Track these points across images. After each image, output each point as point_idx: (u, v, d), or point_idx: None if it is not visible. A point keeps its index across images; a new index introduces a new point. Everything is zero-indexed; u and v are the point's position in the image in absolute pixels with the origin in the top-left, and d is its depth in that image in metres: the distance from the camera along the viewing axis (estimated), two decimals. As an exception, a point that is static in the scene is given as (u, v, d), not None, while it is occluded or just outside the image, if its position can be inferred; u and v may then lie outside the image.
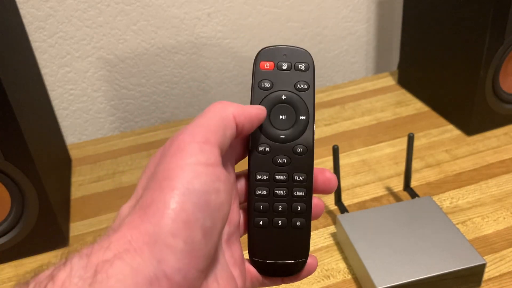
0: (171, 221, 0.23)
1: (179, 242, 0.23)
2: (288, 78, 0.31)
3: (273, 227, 0.31)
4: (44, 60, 0.86)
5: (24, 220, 0.60)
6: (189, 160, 0.25)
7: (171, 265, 0.23)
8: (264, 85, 0.31)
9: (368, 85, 0.98)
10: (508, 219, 0.62)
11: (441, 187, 0.69)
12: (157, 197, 0.24)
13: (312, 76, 0.31)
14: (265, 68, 0.31)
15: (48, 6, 0.82)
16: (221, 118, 0.27)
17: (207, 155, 0.25)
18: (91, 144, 0.88)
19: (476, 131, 0.79)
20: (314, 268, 0.33)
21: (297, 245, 0.31)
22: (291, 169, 0.31)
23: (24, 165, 0.57)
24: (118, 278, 0.21)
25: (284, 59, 0.31)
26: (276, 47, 0.31)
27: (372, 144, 0.80)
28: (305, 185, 0.31)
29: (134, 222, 0.23)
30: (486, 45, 0.71)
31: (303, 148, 0.31)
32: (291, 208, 0.31)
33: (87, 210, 0.71)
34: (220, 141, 0.26)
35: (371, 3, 1.02)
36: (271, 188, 0.31)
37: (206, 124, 0.26)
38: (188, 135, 0.26)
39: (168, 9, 0.89)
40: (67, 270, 0.22)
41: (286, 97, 0.31)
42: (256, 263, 0.32)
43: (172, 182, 0.24)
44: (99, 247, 0.23)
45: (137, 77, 0.93)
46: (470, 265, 0.50)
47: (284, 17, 0.97)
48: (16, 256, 0.62)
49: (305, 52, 0.31)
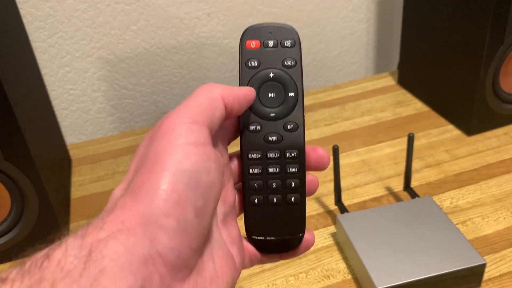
0: (163, 201, 0.23)
1: (171, 222, 0.23)
2: (275, 55, 0.31)
3: (269, 204, 0.31)
4: (44, 60, 0.86)
5: (24, 220, 0.60)
6: (179, 141, 0.25)
7: (164, 244, 0.23)
8: (252, 64, 0.31)
9: (368, 85, 0.98)
10: (508, 219, 0.62)
11: (441, 187, 0.69)
12: (147, 179, 0.24)
13: (299, 52, 0.31)
14: (251, 47, 0.31)
15: (48, 6, 0.82)
16: (209, 98, 0.27)
17: (196, 135, 0.25)
18: (91, 144, 0.88)
19: (476, 131, 0.79)
20: (311, 243, 0.33)
21: (293, 220, 0.32)
22: (283, 146, 0.31)
23: (24, 165, 0.57)
24: (112, 258, 0.22)
25: (270, 36, 0.31)
26: (261, 25, 0.31)
27: (372, 144, 0.80)
28: (297, 161, 0.31)
29: (126, 204, 0.24)
30: (486, 45, 0.71)
31: (294, 124, 0.31)
32: (285, 184, 0.31)
33: (87, 210, 0.71)
34: (209, 121, 0.26)
35: (371, 3, 1.02)
36: (264, 166, 0.31)
37: (194, 105, 0.27)
38: (177, 116, 0.26)
39: (168, 9, 0.89)
40: (62, 250, 0.22)
41: (274, 74, 0.31)
42: (254, 241, 0.32)
43: (162, 163, 0.24)
44: (93, 228, 0.23)
45: (137, 77, 0.93)
46: (470, 265, 0.50)
47: (284, 17, 0.97)
48: (16, 256, 0.62)
49: (291, 29, 0.31)
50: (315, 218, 0.65)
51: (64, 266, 0.21)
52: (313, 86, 1.07)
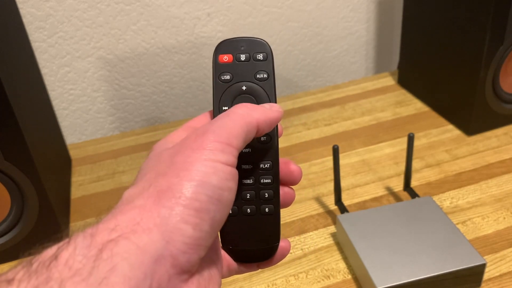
0: (185, 208, 0.24)
1: (189, 228, 0.24)
2: (247, 69, 0.31)
3: (243, 215, 0.32)
4: (44, 60, 0.86)
5: (24, 220, 0.60)
6: (211, 157, 0.26)
7: (178, 247, 0.24)
8: (224, 78, 0.31)
9: (368, 85, 0.98)
10: (508, 219, 0.62)
11: (441, 187, 0.69)
12: (174, 184, 0.25)
13: (271, 65, 0.32)
14: (223, 61, 0.32)
15: (48, 6, 0.82)
16: (246, 123, 0.28)
17: (227, 156, 0.26)
18: (91, 144, 0.88)
19: (476, 131, 0.79)
20: (287, 251, 0.34)
21: (268, 230, 0.32)
22: (256, 158, 0.31)
23: (24, 165, 0.57)
24: (123, 256, 0.22)
25: (242, 50, 0.32)
26: (233, 39, 0.32)
27: (372, 144, 0.80)
28: (271, 172, 0.31)
29: (146, 206, 0.24)
30: (486, 45, 0.71)
31: (267, 136, 0.31)
32: (259, 195, 0.32)
33: (87, 210, 0.71)
34: (240, 145, 0.28)
35: (371, 3, 1.02)
36: (238, 177, 0.31)
37: (230, 127, 0.27)
38: (213, 135, 0.27)
39: (168, 9, 0.89)
40: (71, 249, 0.22)
41: (247, 87, 0.31)
42: (230, 251, 0.32)
43: (190, 173, 0.25)
44: (103, 228, 0.23)
45: (137, 77, 0.93)
46: (470, 265, 0.50)
47: (284, 17, 0.97)
48: (16, 256, 0.62)
49: (263, 42, 0.32)
50: (315, 218, 0.65)
51: (72, 265, 0.21)
52: (313, 86, 1.07)
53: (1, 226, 0.60)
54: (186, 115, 0.99)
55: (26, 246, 0.61)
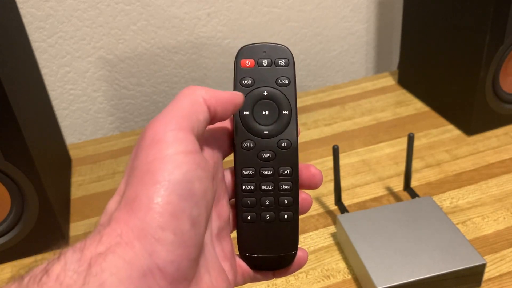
0: (158, 214, 0.23)
1: (168, 235, 0.23)
2: (269, 74, 0.31)
3: (261, 221, 0.31)
4: (44, 60, 0.86)
5: (24, 220, 0.60)
6: (168, 151, 0.24)
7: (163, 258, 0.23)
8: (246, 82, 0.31)
9: (368, 85, 0.98)
10: (508, 219, 0.62)
11: (441, 187, 0.69)
12: (140, 192, 0.24)
13: (293, 71, 0.32)
14: (245, 65, 0.31)
15: (48, 6, 0.82)
16: (191, 102, 0.27)
17: (185, 143, 0.25)
18: (91, 144, 0.88)
19: (476, 131, 0.79)
20: (304, 261, 0.33)
21: (286, 238, 0.32)
22: (276, 164, 0.31)
23: (24, 165, 0.57)
24: (112, 271, 0.21)
25: (264, 56, 0.31)
26: (255, 44, 0.32)
27: (372, 144, 0.80)
28: (290, 179, 0.31)
29: (122, 218, 0.23)
30: (486, 45, 0.71)
31: (287, 142, 0.31)
32: (278, 201, 0.31)
33: (87, 210, 0.71)
34: (193, 126, 0.26)
35: (371, 3, 1.02)
36: (257, 183, 0.31)
37: (177, 110, 0.26)
38: (161, 125, 0.25)
39: (168, 9, 0.89)
40: (61, 264, 0.22)
41: (268, 93, 0.31)
42: (246, 258, 0.32)
43: (154, 176, 0.24)
44: (91, 242, 0.23)
45: (137, 77, 0.93)
46: (470, 265, 0.50)
47: (284, 17, 0.97)
48: (16, 256, 0.62)
49: (285, 48, 0.32)
50: (315, 218, 0.65)
51: (63, 281, 0.21)
52: (313, 86, 1.07)
53: (1, 226, 0.60)
54: (186, 115, 0.99)
55: (26, 246, 0.62)
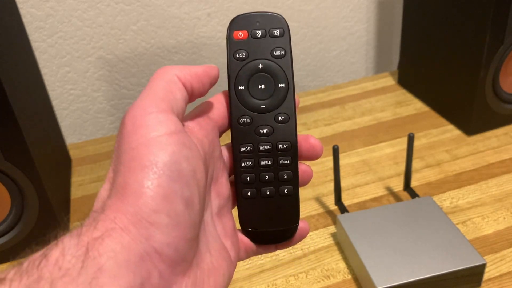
0: (150, 198, 0.23)
1: (163, 217, 0.23)
2: (264, 45, 0.30)
3: (262, 197, 0.31)
4: (44, 60, 0.86)
5: (24, 220, 0.60)
6: (150, 135, 0.24)
7: (159, 241, 0.23)
8: (240, 55, 0.30)
9: (368, 85, 0.98)
10: (508, 219, 0.62)
11: (441, 187, 0.69)
12: (129, 178, 0.24)
13: (288, 41, 0.31)
14: (238, 37, 0.31)
15: (48, 6, 0.82)
16: (166, 82, 0.26)
17: (166, 124, 0.25)
18: (91, 144, 0.88)
19: (476, 131, 0.79)
20: (306, 233, 0.33)
21: (287, 212, 0.32)
22: (274, 138, 0.31)
23: (24, 165, 0.57)
24: (109, 255, 0.22)
25: (258, 26, 0.31)
26: (248, 14, 0.31)
27: (372, 144, 0.80)
28: (289, 153, 0.31)
29: (115, 205, 0.23)
30: (486, 45, 0.71)
31: (285, 116, 0.31)
32: (278, 176, 0.31)
33: (87, 210, 0.71)
34: (172, 106, 0.26)
35: (371, 3, 1.02)
36: (256, 159, 0.31)
37: (153, 93, 0.26)
38: (140, 109, 0.25)
39: (168, 9, 0.89)
40: (59, 249, 0.22)
41: (263, 65, 0.30)
42: (248, 233, 0.32)
43: (141, 161, 0.24)
44: (87, 228, 0.23)
45: (137, 77, 0.93)
46: (470, 265, 0.50)
47: (284, 17, 0.97)
48: (16, 256, 0.62)
49: (279, 17, 0.31)
50: (315, 218, 0.65)
51: (62, 265, 0.21)
52: (313, 86, 1.07)
53: (1, 226, 0.60)
54: (186, 115, 0.99)
55: (26, 246, 0.62)
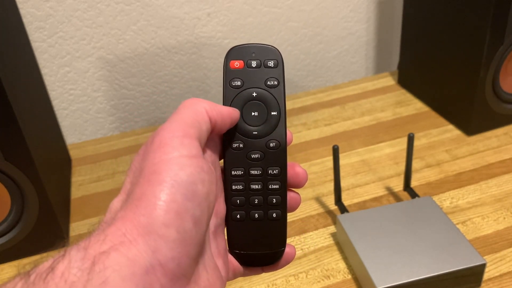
0: (163, 212, 0.24)
1: (172, 232, 0.24)
2: (258, 75, 0.32)
3: (251, 220, 0.32)
4: (44, 60, 0.86)
5: (24, 220, 0.60)
6: (173, 154, 0.26)
7: (165, 254, 0.24)
8: (235, 84, 0.32)
9: (368, 85, 0.98)
10: (508, 219, 0.62)
11: (441, 187, 0.69)
12: (146, 191, 0.25)
13: (282, 72, 0.32)
14: (235, 66, 0.32)
15: (48, 6, 0.82)
16: (195, 112, 0.28)
17: (189, 148, 0.26)
18: (91, 144, 0.88)
19: (476, 131, 0.79)
20: (292, 257, 0.34)
21: (274, 235, 0.33)
22: (265, 164, 0.32)
23: (24, 165, 0.57)
24: (114, 269, 0.22)
25: (253, 57, 0.32)
26: (244, 45, 0.32)
27: (372, 144, 0.80)
28: (279, 178, 0.32)
29: (127, 216, 0.24)
30: (486, 45, 0.71)
31: (276, 142, 0.32)
32: (267, 200, 0.32)
33: (87, 210, 0.71)
34: (198, 134, 0.28)
35: (371, 3, 1.02)
36: (246, 182, 0.32)
37: (182, 119, 0.28)
38: (168, 131, 0.27)
39: (168, 9, 0.89)
40: (66, 262, 0.22)
41: (257, 94, 0.32)
42: (236, 255, 0.33)
43: (160, 176, 0.25)
44: (95, 240, 0.24)
45: (137, 77, 0.93)
46: (470, 265, 0.50)
47: (284, 17, 0.97)
48: (16, 256, 0.62)
49: (274, 49, 0.32)
50: (315, 218, 0.65)
51: (68, 278, 0.22)
52: (313, 86, 1.07)
53: (1, 226, 0.60)
54: (186, 115, 0.99)
55: (26, 246, 0.62)
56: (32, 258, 0.63)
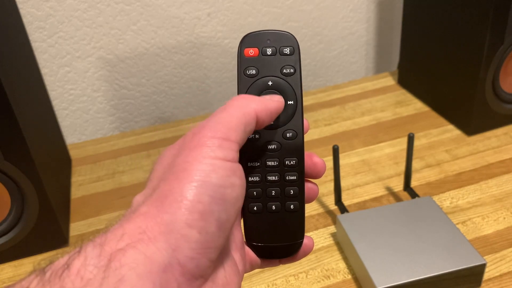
0: (188, 211, 0.24)
1: (194, 233, 0.24)
2: (274, 63, 0.31)
3: (268, 212, 0.31)
4: (44, 60, 0.86)
5: (24, 220, 0.60)
6: (208, 155, 0.25)
7: (185, 254, 0.23)
8: (250, 72, 0.31)
9: (368, 85, 0.98)
10: (508, 219, 0.62)
11: (441, 187, 0.69)
12: (174, 188, 0.24)
13: (298, 59, 0.31)
14: (249, 54, 0.31)
15: (48, 6, 0.82)
16: (243, 114, 0.27)
17: (226, 151, 0.26)
18: (91, 144, 0.88)
19: (476, 131, 0.79)
20: (310, 249, 0.33)
21: (292, 227, 0.32)
22: (282, 154, 0.31)
23: (24, 165, 0.57)
24: (131, 266, 0.22)
25: (268, 44, 0.31)
26: (259, 32, 0.31)
27: (372, 144, 0.80)
28: (296, 169, 0.31)
29: (150, 212, 0.24)
30: (486, 45, 0.71)
31: (293, 132, 0.31)
32: (284, 192, 0.31)
33: (87, 210, 0.71)
34: (239, 138, 0.27)
35: (371, 3, 1.02)
36: (263, 174, 0.31)
37: (227, 120, 0.27)
38: (210, 130, 0.26)
39: (168, 9, 0.89)
40: (82, 259, 0.22)
41: (273, 83, 0.31)
42: (254, 247, 0.32)
43: (190, 174, 0.24)
44: (112, 236, 0.23)
45: (137, 77, 0.93)
46: (470, 265, 0.50)
47: (284, 17, 0.97)
48: (16, 256, 0.62)
49: (290, 35, 0.31)
50: (315, 218, 0.65)
51: (84, 275, 0.22)
52: (313, 86, 1.07)
53: (1, 226, 0.60)
54: (186, 115, 0.99)
55: (26, 246, 0.62)
56: (32, 258, 0.63)
